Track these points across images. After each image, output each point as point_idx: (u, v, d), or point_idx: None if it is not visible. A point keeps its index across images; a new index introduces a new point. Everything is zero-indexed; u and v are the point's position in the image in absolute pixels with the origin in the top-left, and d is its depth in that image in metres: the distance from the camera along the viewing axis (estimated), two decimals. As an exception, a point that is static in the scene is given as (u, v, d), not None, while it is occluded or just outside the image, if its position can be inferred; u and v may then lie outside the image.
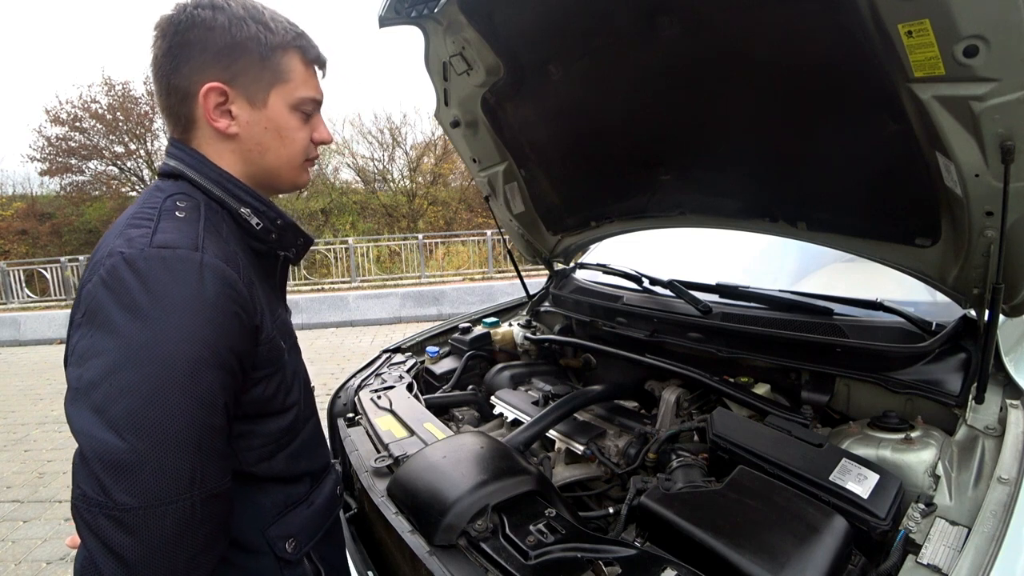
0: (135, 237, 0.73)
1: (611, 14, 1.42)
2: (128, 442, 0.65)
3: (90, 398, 0.66)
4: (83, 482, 0.66)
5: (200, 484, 0.69)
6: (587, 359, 2.25)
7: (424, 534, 1.10)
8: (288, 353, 0.91)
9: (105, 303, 0.69)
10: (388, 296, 9.26)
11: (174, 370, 0.68)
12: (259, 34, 0.83)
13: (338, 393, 1.90)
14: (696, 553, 0.96)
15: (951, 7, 0.88)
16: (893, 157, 1.26)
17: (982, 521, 0.93)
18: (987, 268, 1.21)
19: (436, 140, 16.66)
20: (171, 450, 0.67)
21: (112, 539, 0.64)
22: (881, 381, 1.39)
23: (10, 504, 3.57)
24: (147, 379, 0.66)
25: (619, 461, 1.54)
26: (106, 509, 0.64)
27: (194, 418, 0.69)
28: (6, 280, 10.79)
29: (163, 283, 0.70)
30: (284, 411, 0.89)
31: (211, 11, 0.81)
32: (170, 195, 0.81)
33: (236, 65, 0.82)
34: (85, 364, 0.68)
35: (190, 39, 0.80)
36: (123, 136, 15.62)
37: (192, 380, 0.69)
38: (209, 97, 0.81)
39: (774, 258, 2.10)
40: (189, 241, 0.74)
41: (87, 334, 0.69)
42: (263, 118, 0.86)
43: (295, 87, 0.87)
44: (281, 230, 0.92)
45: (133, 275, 0.69)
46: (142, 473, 0.65)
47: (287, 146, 0.89)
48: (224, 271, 0.75)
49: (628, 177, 1.97)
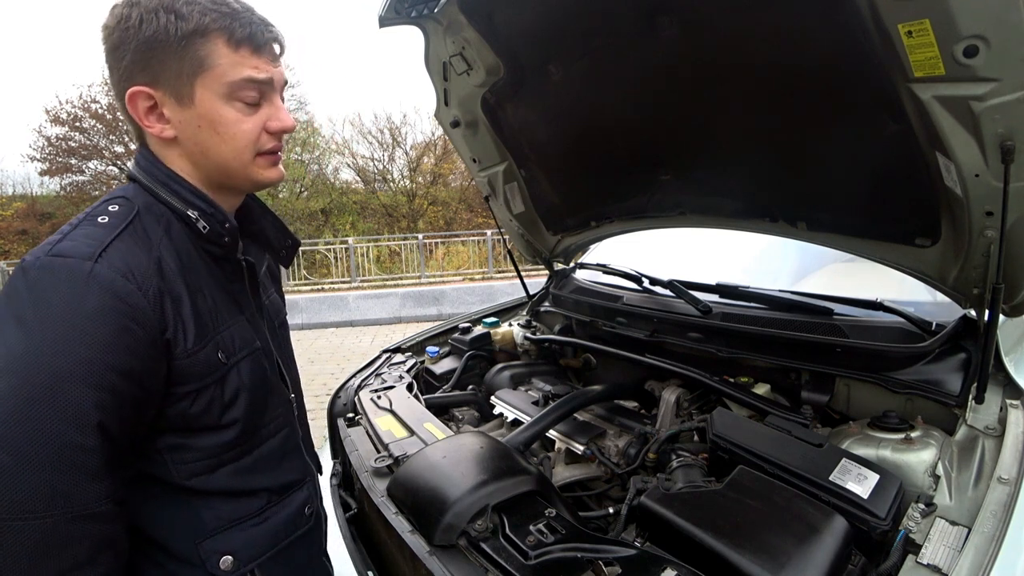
0: (43, 244, 0.72)
1: (611, 14, 1.42)
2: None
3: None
4: None
5: (64, 503, 0.66)
6: (587, 359, 2.25)
7: (424, 534, 1.10)
8: (235, 366, 0.85)
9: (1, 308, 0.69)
10: (388, 296, 9.26)
11: (42, 383, 0.65)
12: (168, 24, 0.74)
13: (338, 393, 1.90)
14: (696, 553, 0.96)
15: (951, 7, 0.88)
16: (893, 157, 1.26)
17: (982, 521, 0.93)
18: (987, 268, 1.21)
19: (436, 140, 16.66)
20: (31, 466, 0.64)
21: None
22: (881, 381, 1.39)
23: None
24: (14, 390, 0.64)
25: (619, 461, 1.54)
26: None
27: (58, 436, 0.65)
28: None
29: (45, 293, 0.68)
30: (222, 427, 0.84)
31: (128, 8, 0.75)
32: (109, 199, 0.79)
33: (154, 63, 0.76)
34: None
35: (115, 43, 0.76)
36: (123, 136, 15.60)
37: (59, 396, 0.65)
38: (136, 103, 0.78)
39: (774, 258, 2.10)
40: (86, 250, 0.70)
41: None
42: (194, 115, 0.79)
43: (222, 73, 0.78)
44: (230, 233, 0.86)
45: (24, 283, 0.68)
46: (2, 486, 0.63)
47: (227, 141, 0.81)
48: (113, 283, 0.70)
49: (628, 177, 1.97)
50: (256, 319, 0.95)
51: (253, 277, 0.95)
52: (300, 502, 0.97)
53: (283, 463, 0.94)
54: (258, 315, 0.96)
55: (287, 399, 0.99)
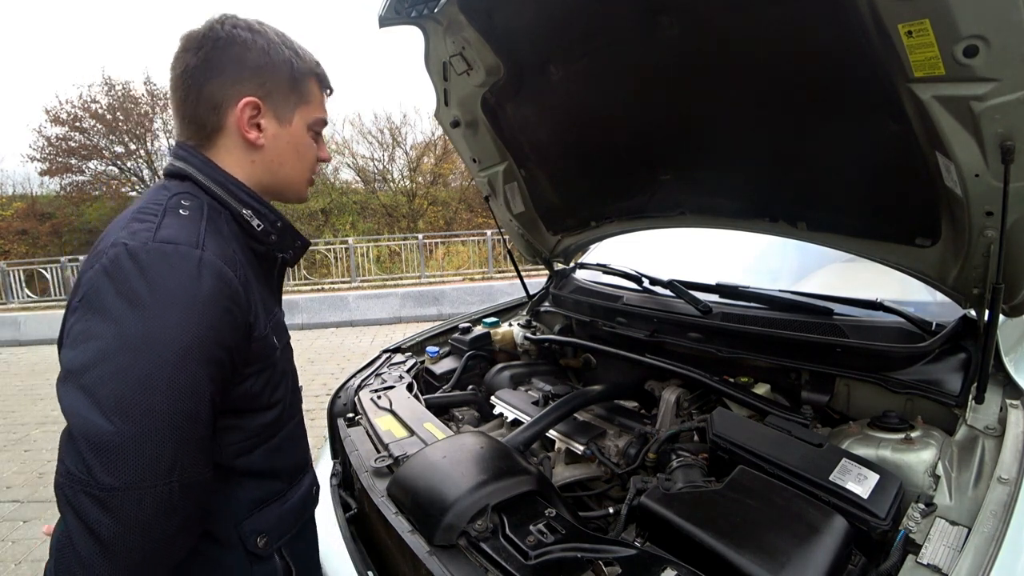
0: (139, 231, 0.76)
1: (611, 14, 1.42)
2: (115, 425, 0.67)
3: (81, 380, 0.69)
4: (68, 460, 0.68)
5: (180, 471, 0.71)
6: (587, 359, 2.25)
7: (424, 534, 1.10)
8: (282, 351, 0.94)
9: (104, 290, 0.71)
10: (388, 296, 9.26)
11: (164, 359, 0.70)
12: (291, 59, 0.91)
13: (338, 393, 1.90)
14: (696, 553, 0.96)
15: (951, 7, 0.88)
16: (893, 157, 1.26)
17: (982, 521, 0.93)
18: (987, 268, 1.21)
19: (436, 140, 16.65)
20: (154, 436, 0.69)
21: (91, 517, 0.66)
22: (881, 381, 1.39)
23: (10, 504, 3.57)
24: (138, 366, 0.69)
25: (619, 461, 1.54)
26: (88, 488, 0.66)
27: (179, 407, 0.71)
28: (6, 280, 10.79)
29: (162, 276, 0.73)
30: (269, 407, 0.91)
31: (249, 32, 0.88)
32: (175, 194, 0.84)
33: (269, 83, 0.89)
34: (79, 347, 0.70)
35: (229, 55, 0.87)
36: (123, 136, 15.63)
37: (180, 370, 0.71)
38: (245, 110, 0.88)
39: (774, 258, 2.10)
40: (190, 238, 0.77)
41: (83, 318, 0.72)
42: (287, 134, 0.93)
43: (313, 109, 0.96)
44: (280, 232, 0.95)
45: (134, 266, 0.72)
46: (125, 456, 0.67)
47: (301, 161, 0.97)
48: (221, 269, 0.78)
49: (628, 177, 1.97)
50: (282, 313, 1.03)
51: (281, 274, 1.05)
52: (309, 483, 1.05)
53: (297, 445, 1.02)
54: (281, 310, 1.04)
55: (299, 387, 1.06)
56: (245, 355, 0.83)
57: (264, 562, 0.91)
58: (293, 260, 1.04)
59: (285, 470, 0.97)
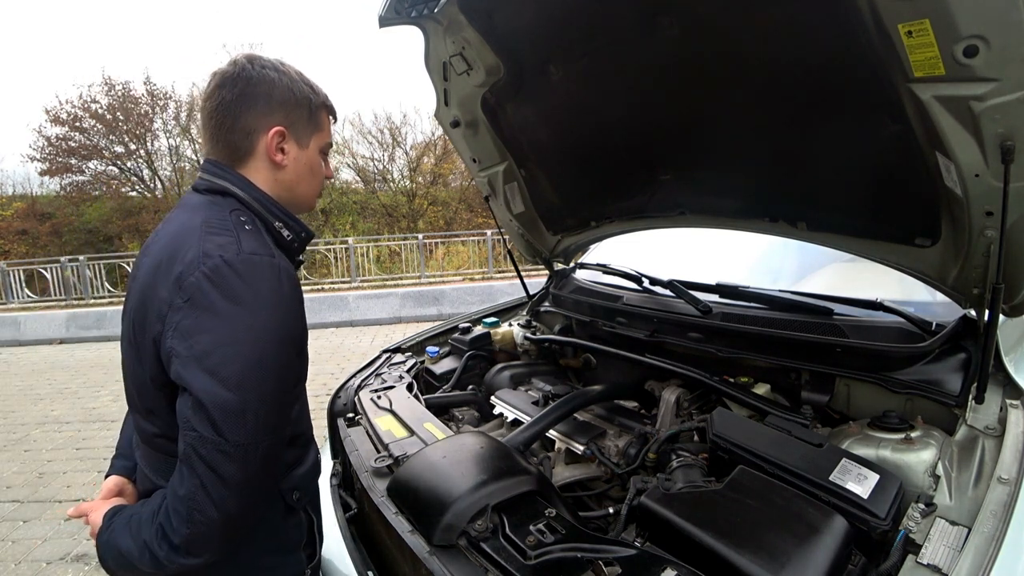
0: (225, 244, 0.92)
1: (611, 14, 1.42)
2: (238, 395, 0.85)
3: (204, 363, 0.85)
4: (199, 426, 0.85)
5: (278, 430, 0.92)
6: (587, 359, 2.25)
7: (424, 534, 1.10)
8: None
9: (209, 293, 0.88)
10: (388, 296, 9.26)
11: (268, 345, 0.89)
12: (309, 95, 1.08)
13: (338, 393, 1.90)
14: (696, 553, 0.96)
15: (951, 7, 0.88)
16: (893, 157, 1.26)
17: (982, 521, 0.93)
18: (987, 268, 1.21)
19: (436, 140, 16.65)
20: (265, 403, 0.88)
21: (223, 469, 0.85)
22: (881, 381, 1.39)
23: (10, 504, 3.57)
24: (249, 350, 0.87)
25: (619, 461, 1.54)
26: (220, 446, 0.84)
27: (280, 380, 0.91)
28: (6, 280, 10.78)
29: (255, 280, 0.91)
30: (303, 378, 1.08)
31: (275, 72, 1.04)
32: (232, 210, 1.00)
33: (293, 114, 1.06)
34: (193, 338, 0.87)
35: (259, 91, 1.02)
36: (123, 136, 15.63)
37: (280, 352, 0.91)
38: (275, 137, 1.04)
39: (774, 258, 2.10)
40: (267, 250, 0.96)
41: (191, 315, 0.88)
42: (305, 157, 1.09)
43: (324, 136, 1.13)
44: (303, 242, 1.12)
45: (233, 272, 0.90)
46: (246, 418, 0.86)
47: (315, 179, 1.13)
48: (292, 273, 0.98)
49: (628, 177, 1.97)
50: None
51: None
52: (315, 449, 1.19)
53: (307, 413, 1.17)
54: None
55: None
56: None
57: (295, 514, 1.09)
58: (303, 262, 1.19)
59: (302, 436, 1.13)
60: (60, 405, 5.52)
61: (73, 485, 3.78)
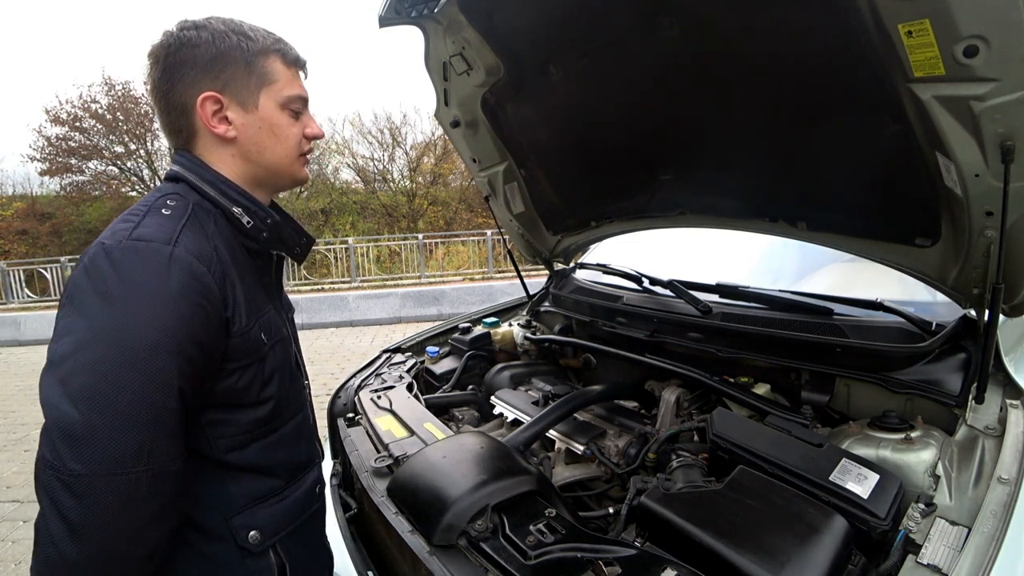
0: (118, 230, 0.80)
1: (611, 14, 1.42)
2: (82, 414, 0.69)
3: (57, 371, 0.72)
4: (43, 446, 0.71)
5: (147, 461, 0.73)
6: (587, 359, 2.25)
7: (424, 534, 1.10)
8: (272, 348, 0.94)
9: (82, 287, 0.75)
10: (388, 296, 9.25)
11: (133, 352, 0.73)
12: (240, 43, 0.90)
13: (338, 393, 1.90)
14: (696, 553, 0.96)
15: (951, 7, 0.88)
16: (893, 157, 1.26)
17: (982, 521, 0.93)
18: (987, 268, 1.21)
19: (436, 140, 16.65)
20: (121, 425, 0.71)
21: (60, 501, 0.69)
22: (881, 381, 1.39)
23: (10, 504, 3.57)
24: (107, 358, 0.72)
25: (619, 461, 1.54)
26: (58, 473, 0.69)
27: (147, 398, 0.73)
28: (6, 280, 10.78)
29: (133, 272, 0.76)
30: (259, 403, 0.92)
31: (195, 31, 0.88)
32: (164, 195, 0.88)
33: (225, 74, 0.89)
34: (59, 340, 0.74)
35: (181, 58, 0.88)
36: (123, 136, 15.62)
37: (148, 362, 0.73)
38: (205, 106, 0.89)
39: (774, 258, 2.10)
40: (164, 235, 0.80)
41: (65, 314, 0.76)
42: (256, 119, 0.92)
43: (281, 87, 0.94)
44: (271, 228, 0.97)
45: (108, 263, 0.76)
46: (92, 444, 0.69)
47: (282, 142, 0.96)
48: (191, 265, 0.79)
49: (628, 177, 1.97)
50: (280, 310, 1.04)
51: (279, 271, 1.07)
52: (312, 481, 1.05)
53: (299, 443, 1.02)
54: (280, 307, 1.05)
55: (303, 385, 1.08)
56: (223, 351, 0.84)
57: (256, 558, 0.91)
58: (301, 257, 1.06)
59: (284, 467, 0.97)
60: (60, 405, 5.51)
61: (73, 485, 3.78)
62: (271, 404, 0.93)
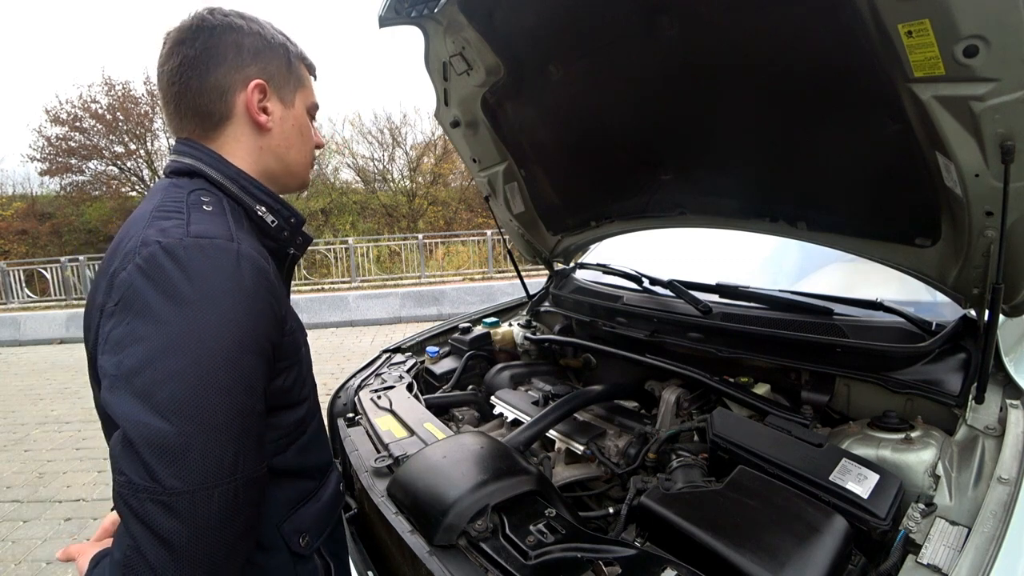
0: (169, 228, 0.73)
1: (611, 14, 1.42)
2: (175, 426, 0.64)
3: (133, 384, 0.66)
4: (128, 469, 0.64)
5: (242, 468, 0.69)
6: (587, 359, 2.25)
7: (424, 534, 1.10)
8: (303, 346, 0.93)
9: (143, 290, 0.69)
10: (388, 296, 9.26)
11: (217, 355, 0.68)
12: (285, 43, 0.93)
13: (338, 393, 1.90)
14: (696, 553, 0.96)
15: (951, 7, 0.88)
16: (893, 157, 1.26)
17: (982, 521, 0.93)
18: (987, 268, 1.21)
19: (436, 140, 16.66)
20: (216, 434, 0.67)
21: (160, 524, 0.63)
22: (881, 381, 1.39)
23: (10, 504, 3.57)
24: (192, 364, 0.67)
25: (619, 461, 1.54)
26: (154, 494, 0.63)
27: (237, 403, 0.69)
28: (6, 280, 10.78)
29: (203, 271, 0.71)
30: (299, 403, 0.90)
31: (242, 19, 0.89)
32: (192, 191, 0.82)
33: (271, 66, 0.90)
34: (124, 351, 0.67)
35: (227, 41, 0.86)
36: (123, 136, 15.63)
37: (235, 365, 0.69)
38: (255, 92, 0.88)
39: (774, 258, 2.10)
40: (224, 231, 0.76)
41: (123, 321, 0.69)
42: (291, 116, 0.94)
43: (309, 93, 0.98)
44: (293, 228, 0.94)
45: (173, 263, 0.70)
46: (189, 457, 0.64)
47: (306, 143, 0.98)
48: (259, 261, 0.77)
49: (628, 177, 1.97)
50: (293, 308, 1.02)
51: (291, 270, 1.04)
52: (336, 480, 1.04)
53: (322, 442, 1.00)
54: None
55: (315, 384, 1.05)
56: (279, 350, 0.81)
57: (307, 561, 0.90)
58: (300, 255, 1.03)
59: (315, 467, 0.96)
60: (60, 405, 5.51)
61: (73, 485, 3.78)
62: (307, 404, 0.92)
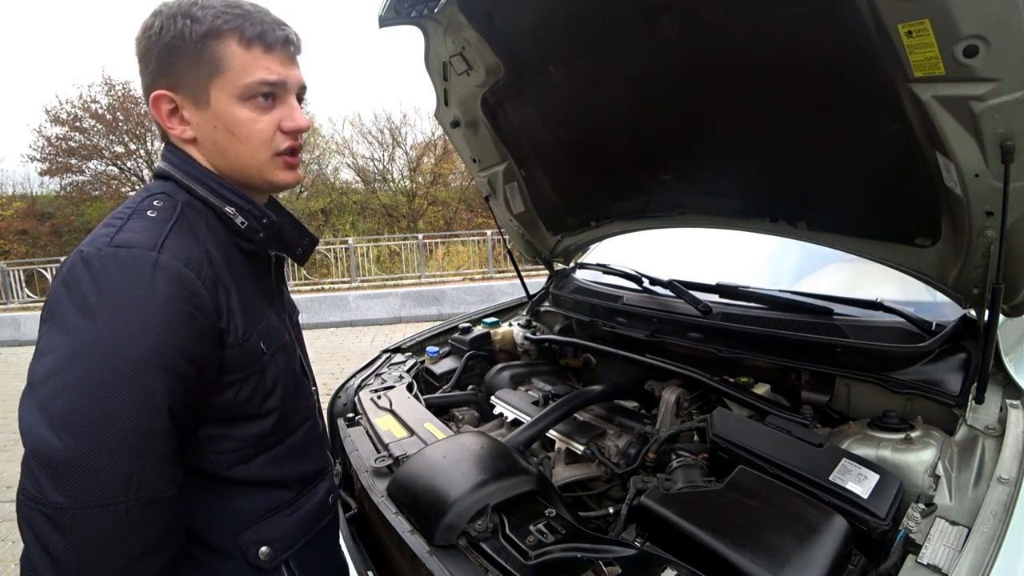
0: (99, 236, 0.73)
1: (611, 14, 1.42)
2: (63, 442, 0.64)
3: (37, 393, 0.66)
4: (24, 476, 0.66)
5: (137, 489, 0.67)
6: (587, 359, 2.25)
7: (424, 534, 1.10)
8: (272, 356, 0.88)
9: (61, 300, 0.69)
10: (388, 296, 9.25)
11: (116, 371, 0.66)
12: (185, 28, 0.77)
13: (338, 393, 1.90)
14: (696, 553, 0.96)
15: (951, 7, 0.88)
16: (893, 157, 1.26)
17: (982, 521, 0.93)
18: (987, 268, 1.21)
19: (436, 140, 16.65)
20: (106, 452, 0.65)
21: (44, 536, 0.64)
22: (881, 381, 1.39)
23: (10, 504, 3.56)
24: (88, 378, 0.66)
25: (619, 461, 1.54)
26: (40, 506, 0.64)
27: (133, 421, 0.67)
28: (6, 280, 10.78)
29: (114, 282, 0.69)
30: (261, 416, 0.86)
31: (153, 18, 0.79)
32: (151, 195, 0.81)
33: (175, 68, 0.79)
34: (40, 360, 0.68)
35: (142, 51, 0.80)
36: (123, 136, 15.62)
37: (134, 382, 0.67)
38: (159, 105, 0.81)
39: (774, 258, 2.10)
40: (149, 240, 0.73)
41: (45, 331, 0.70)
42: (210, 117, 0.81)
43: (236, 75, 0.79)
44: (267, 229, 0.88)
45: (87, 273, 0.69)
46: (75, 474, 0.64)
47: (243, 141, 0.82)
48: (179, 272, 0.72)
49: (628, 177, 1.97)
50: (281, 314, 0.98)
51: (279, 273, 1.00)
52: (325, 491, 1.00)
53: (309, 453, 0.97)
54: (281, 311, 0.99)
55: (310, 391, 1.03)
56: (218, 363, 0.78)
57: (268, 574, 0.87)
58: (303, 258, 1.00)
59: (293, 479, 0.93)
60: (60, 405, 5.50)
61: (73, 485, 3.78)
62: (275, 416, 0.88)
